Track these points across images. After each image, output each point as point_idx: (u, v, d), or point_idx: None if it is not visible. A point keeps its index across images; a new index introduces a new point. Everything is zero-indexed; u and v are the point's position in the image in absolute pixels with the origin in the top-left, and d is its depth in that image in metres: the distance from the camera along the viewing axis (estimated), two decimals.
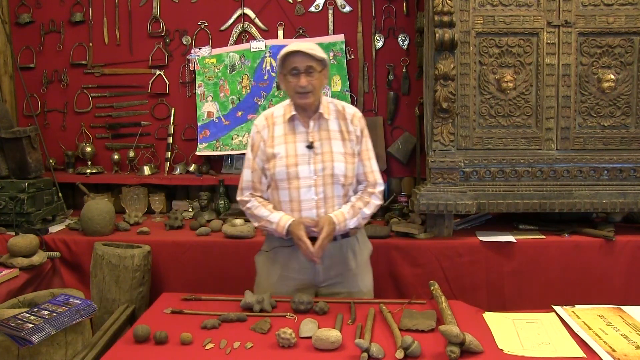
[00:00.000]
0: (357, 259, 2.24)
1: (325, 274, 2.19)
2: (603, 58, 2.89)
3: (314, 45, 2.14)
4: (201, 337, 1.75)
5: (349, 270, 2.22)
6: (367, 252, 2.33)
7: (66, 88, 3.78)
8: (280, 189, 2.15)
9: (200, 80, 3.70)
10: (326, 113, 2.18)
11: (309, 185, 2.13)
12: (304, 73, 2.08)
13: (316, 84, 2.10)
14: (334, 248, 2.17)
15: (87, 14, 3.74)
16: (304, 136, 2.16)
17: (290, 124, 2.18)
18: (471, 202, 2.79)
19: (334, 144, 2.16)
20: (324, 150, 2.14)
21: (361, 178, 2.22)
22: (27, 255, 2.64)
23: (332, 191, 2.14)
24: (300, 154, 2.13)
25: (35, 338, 1.90)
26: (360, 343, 1.60)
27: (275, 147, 2.16)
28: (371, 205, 2.21)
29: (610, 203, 2.82)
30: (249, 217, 2.26)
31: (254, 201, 2.20)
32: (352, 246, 2.23)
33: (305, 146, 2.14)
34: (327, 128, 2.18)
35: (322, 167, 2.13)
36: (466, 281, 2.76)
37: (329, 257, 2.17)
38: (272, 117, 2.22)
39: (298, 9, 3.66)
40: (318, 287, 2.22)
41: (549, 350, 1.65)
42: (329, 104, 2.22)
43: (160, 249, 2.87)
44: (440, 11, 2.74)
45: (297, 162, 2.13)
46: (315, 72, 2.10)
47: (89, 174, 3.63)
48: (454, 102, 2.82)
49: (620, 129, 2.92)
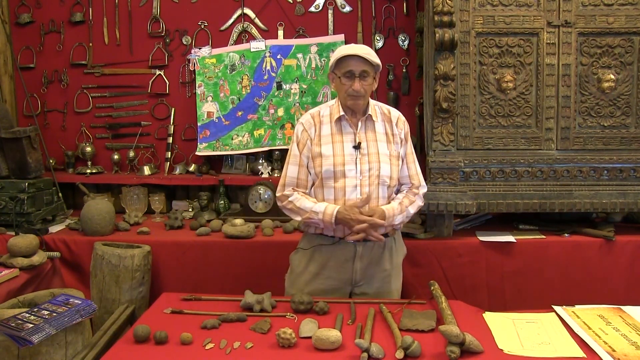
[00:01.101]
0: (392, 260, 2.25)
1: (362, 273, 2.20)
2: (603, 58, 2.89)
3: (369, 49, 2.16)
4: (201, 337, 1.75)
5: (384, 271, 2.23)
6: (402, 254, 2.35)
7: (66, 88, 3.78)
8: (326, 187, 2.16)
9: (200, 80, 3.70)
10: (374, 115, 2.20)
11: (355, 185, 2.14)
12: (358, 77, 2.10)
13: (368, 89, 2.14)
14: (372, 247, 2.18)
15: (87, 14, 3.74)
16: (351, 136, 2.17)
17: (337, 124, 2.19)
18: (471, 202, 2.79)
19: (380, 146, 2.18)
20: (370, 152, 2.16)
21: (405, 180, 2.26)
22: (27, 255, 2.64)
23: (377, 192, 2.16)
24: (347, 154, 2.15)
25: (35, 338, 1.90)
26: (360, 343, 1.60)
27: (323, 145, 2.17)
28: (415, 205, 2.23)
29: (610, 203, 2.82)
30: (288, 212, 2.21)
31: (297, 194, 2.18)
32: (389, 247, 2.24)
33: (353, 146, 2.15)
34: (373, 130, 2.20)
35: (369, 167, 2.14)
36: (466, 281, 2.77)
37: (367, 256, 2.19)
38: (319, 116, 2.23)
39: (298, 9, 3.66)
40: (354, 286, 2.22)
41: (549, 350, 1.65)
42: (374, 107, 2.24)
43: (160, 249, 2.87)
44: (440, 11, 2.74)
45: (345, 161, 2.14)
46: (369, 77, 2.12)
47: (89, 174, 3.63)
48: (454, 102, 2.82)
49: (620, 129, 2.92)
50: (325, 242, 2.19)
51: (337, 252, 2.17)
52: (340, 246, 2.17)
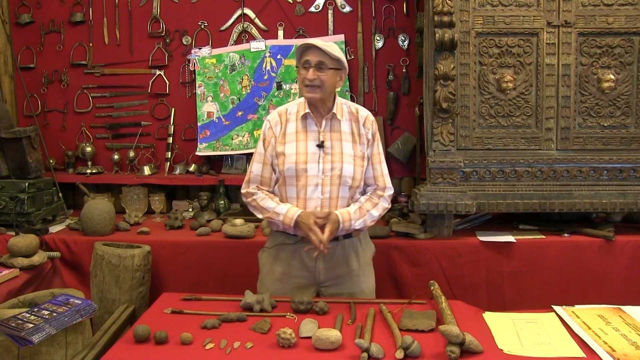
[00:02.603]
0: (359, 260, 2.24)
1: (326, 274, 2.20)
2: (603, 58, 2.89)
3: (331, 43, 2.15)
4: (201, 337, 1.75)
5: (351, 271, 2.22)
6: (370, 253, 2.33)
7: (66, 88, 3.78)
8: (289, 185, 2.16)
9: (200, 81, 3.71)
10: (339, 114, 2.19)
11: (316, 183, 2.13)
12: (314, 67, 2.10)
13: (325, 80, 2.11)
14: (336, 248, 2.17)
15: (87, 14, 3.74)
16: (315, 135, 2.17)
17: (302, 122, 2.19)
18: (471, 202, 2.79)
19: (344, 145, 2.17)
20: (334, 151, 2.15)
21: (371, 182, 2.23)
22: (27, 255, 2.64)
23: (338, 192, 2.15)
24: (310, 152, 2.15)
25: (35, 338, 1.90)
26: (360, 343, 1.60)
27: (287, 144, 2.17)
28: (379, 207, 2.20)
29: (610, 203, 2.82)
30: (252, 209, 2.22)
31: (261, 193, 2.19)
32: (354, 247, 2.23)
33: (316, 145, 2.15)
34: (339, 129, 2.19)
35: (331, 167, 2.14)
36: (466, 281, 2.77)
37: (331, 258, 2.18)
38: (286, 113, 2.23)
39: (298, 9, 3.66)
40: (319, 286, 2.22)
41: (549, 350, 1.65)
42: (342, 105, 2.23)
43: (160, 249, 2.87)
44: (440, 11, 2.74)
45: (307, 159, 2.14)
46: (327, 69, 2.11)
47: (89, 174, 3.63)
48: (454, 102, 2.82)
49: (620, 129, 2.92)
50: (289, 241, 2.20)
51: (300, 253, 2.18)
52: (303, 245, 2.16)
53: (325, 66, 2.10)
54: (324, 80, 2.10)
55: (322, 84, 2.10)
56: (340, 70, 2.16)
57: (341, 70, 2.17)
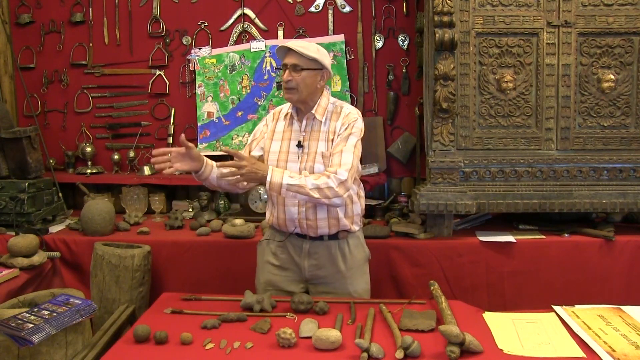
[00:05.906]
0: (347, 263, 2.26)
1: (312, 272, 2.25)
2: (603, 58, 2.89)
3: (309, 44, 2.17)
4: (201, 337, 1.75)
5: (338, 273, 2.25)
6: (361, 256, 2.33)
7: (66, 88, 3.78)
8: None
9: (200, 81, 3.71)
10: (320, 114, 2.20)
11: None
12: (289, 69, 2.13)
13: (300, 81, 2.13)
14: (320, 247, 2.23)
15: (87, 14, 3.74)
16: (297, 134, 2.23)
17: (288, 122, 2.26)
18: (471, 202, 2.79)
19: (320, 145, 2.19)
20: (310, 151, 2.19)
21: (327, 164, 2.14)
22: (27, 255, 2.64)
23: None
24: (291, 152, 2.21)
25: (35, 338, 1.90)
26: (360, 343, 1.60)
27: (273, 141, 2.26)
28: (321, 179, 2.04)
29: (610, 203, 2.82)
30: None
31: None
32: (341, 249, 2.25)
33: (296, 145, 2.21)
34: (318, 129, 2.21)
35: (307, 166, 2.17)
36: (466, 281, 2.76)
37: (315, 256, 2.23)
38: (279, 113, 2.32)
39: (298, 9, 3.66)
40: (307, 283, 2.29)
41: (549, 350, 1.65)
42: (327, 105, 2.23)
43: (160, 249, 2.87)
44: (440, 11, 2.74)
45: (287, 158, 2.20)
46: (303, 70, 2.12)
47: (89, 174, 3.63)
48: (454, 102, 2.82)
49: (620, 129, 2.92)
50: (279, 238, 2.28)
51: (287, 248, 2.27)
52: (290, 241, 2.25)
53: (299, 68, 2.12)
54: (298, 81, 2.13)
55: (297, 85, 2.13)
56: (321, 70, 2.17)
57: (322, 70, 2.17)
